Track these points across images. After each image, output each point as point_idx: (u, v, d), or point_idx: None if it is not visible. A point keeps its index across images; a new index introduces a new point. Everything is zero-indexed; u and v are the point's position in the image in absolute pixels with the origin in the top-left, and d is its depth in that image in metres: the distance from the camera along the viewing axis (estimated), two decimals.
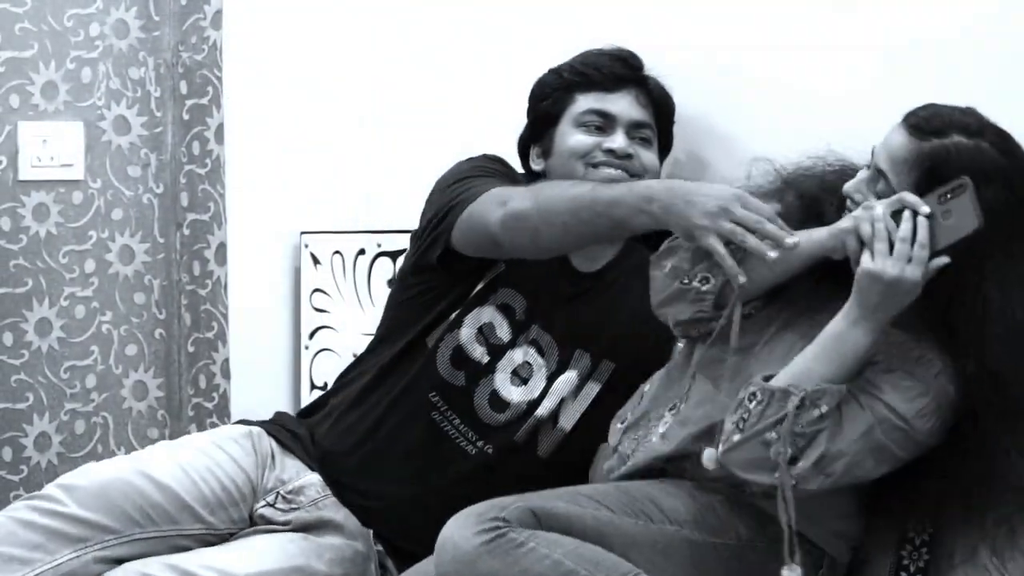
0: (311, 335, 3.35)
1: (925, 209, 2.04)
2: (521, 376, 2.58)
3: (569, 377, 2.57)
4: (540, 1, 3.02)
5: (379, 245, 3.23)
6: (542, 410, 2.57)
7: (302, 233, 3.37)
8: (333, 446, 2.60)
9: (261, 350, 3.39)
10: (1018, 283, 2.07)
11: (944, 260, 2.03)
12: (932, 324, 2.12)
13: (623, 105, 2.57)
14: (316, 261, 3.34)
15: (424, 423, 2.57)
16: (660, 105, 2.61)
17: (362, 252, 3.26)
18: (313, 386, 3.34)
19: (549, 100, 2.62)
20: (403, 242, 3.17)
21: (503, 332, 2.58)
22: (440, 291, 2.59)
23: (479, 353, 2.57)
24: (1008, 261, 2.07)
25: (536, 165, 2.65)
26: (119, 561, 2.42)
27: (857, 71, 2.54)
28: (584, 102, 2.58)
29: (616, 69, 2.59)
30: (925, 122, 2.11)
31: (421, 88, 3.21)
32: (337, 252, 3.30)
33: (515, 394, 2.58)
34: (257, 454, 2.57)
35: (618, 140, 2.54)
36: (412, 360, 2.59)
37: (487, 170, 2.59)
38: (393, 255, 3.21)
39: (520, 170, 2.68)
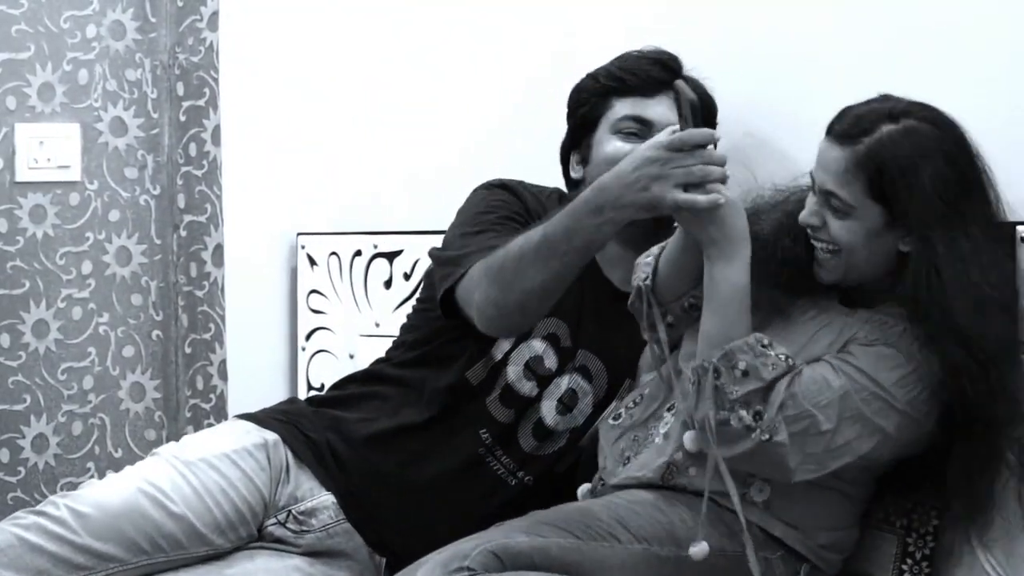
0: (308, 336, 3.36)
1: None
2: (566, 403, 2.54)
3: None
4: (535, 4, 3.03)
5: (375, 246, 3.23)
6: (585, 439, 2.52)
7: (298, 234, 3.37)
8: (363, 472, 2.52)
9: (258, 351, 3.39)
10: (972, 250, 2.09)
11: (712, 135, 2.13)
12: (905, 305, 2.14)
13: (661, 110, 2.51)
14: (313, 262, 3.34)
15: (468, 457, 2.52)
16: (702, 108, 2.50)
17: (359, 253, 3.26)
18: (310, 387, 3.34)
19: (587, 106, 2.56)
20: (399, 243, 3.19)
21: (550, 362, 2.53)
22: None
23: (528, 388, 2.52)
24: (962, 229, 2.09)
25: (575, 173, 2.59)
26: None
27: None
28: (621, 108, 2.52)
29: (654, 73, 2.52)
30: (850, 127, 2.13)
31: (417, 89, 3.22)
32: (334, 253, 3.30)
33: (559, 423, 2.54)
34: (271, 467, 2.50)
35: None
36: (460, 403, 2.53)
37: (488, 220, 2.51)
38: (389, 256, 3.21)
39: (543, 181, 2.63)
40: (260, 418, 2.59)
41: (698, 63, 2.60)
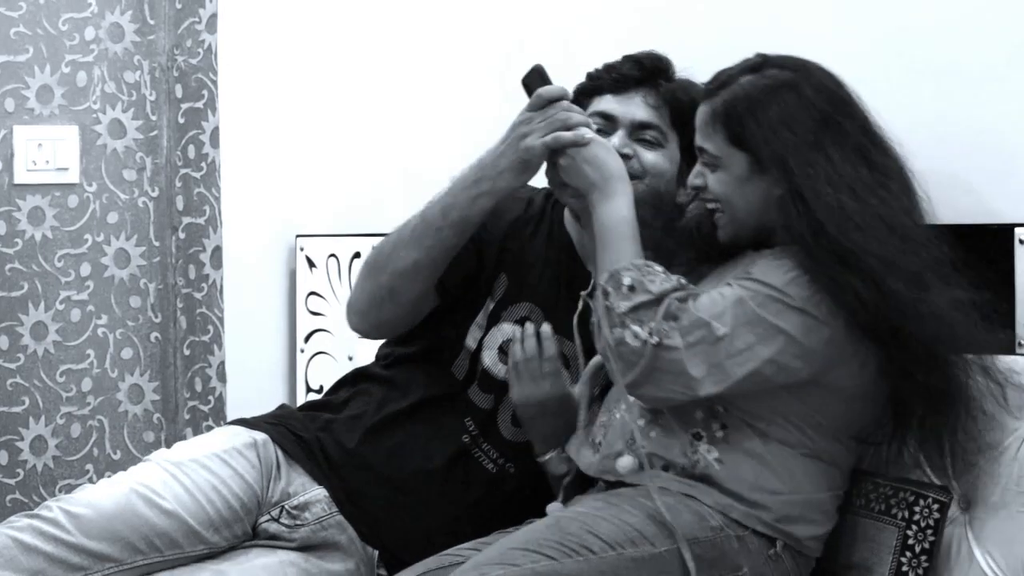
0: (306, 338, 3.36)
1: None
2: None
3: None
4: (534, 3, 3.03)
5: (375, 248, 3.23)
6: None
7: (297, 236, 3.38)
8: (353, 467, 2.54)
9: (257, 353, 3.39)
10: (833, 173, 2.15)
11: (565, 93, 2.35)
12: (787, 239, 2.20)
13: (627, 106, 2.52)
14: (311, 264, 3.34)
15: (455, 448, 2.54)
16: (673, 106, 2.53)
17: (357, 255, 3.26)
18: (309, 389, 3.34)
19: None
20: None
21: None
22: (441, 311, 2.56)
23: (502, 371, 2.53)
24: (821, 155, 2.15)
25: None
26: None
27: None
28: (593, 105, 2.54)
29: (626, 70, 2.54)
30: (714, 84, 2.26)
31: (415, 92, 3.22)
32: (332, 255, 3.30)
33: None
34: (262, 465, 2.51)
35: (614, 140, 2.48)
36: (447, 396, 2.55)
37: None
38: None
39: None
40: (250, 422, 2.62)
41: (700, 63, 2.61)
